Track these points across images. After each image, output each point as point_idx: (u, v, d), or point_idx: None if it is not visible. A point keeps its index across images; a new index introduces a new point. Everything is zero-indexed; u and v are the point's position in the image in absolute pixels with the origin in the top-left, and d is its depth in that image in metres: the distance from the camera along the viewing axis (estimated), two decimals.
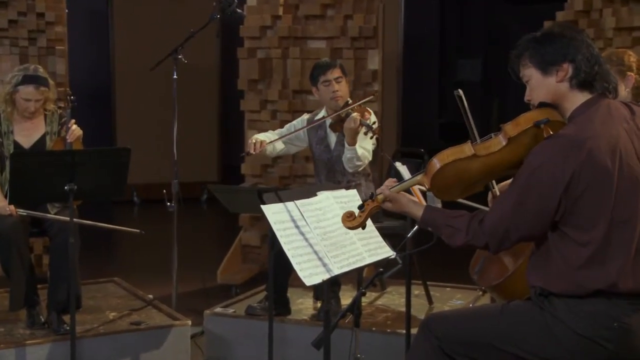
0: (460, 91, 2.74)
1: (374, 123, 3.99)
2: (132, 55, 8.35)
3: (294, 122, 4.54)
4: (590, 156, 2.30)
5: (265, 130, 4.59)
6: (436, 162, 2.48)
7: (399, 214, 2.63)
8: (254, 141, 4.19)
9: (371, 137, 3.98)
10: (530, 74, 2.48)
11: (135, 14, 8.49)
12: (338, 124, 4.21)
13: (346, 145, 4.12)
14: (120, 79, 8.50)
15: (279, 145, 4.36)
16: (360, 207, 2.57)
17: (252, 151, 4.17)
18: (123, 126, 8.52)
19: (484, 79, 12.67)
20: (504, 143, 2.46)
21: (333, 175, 4.36)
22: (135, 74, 8.28)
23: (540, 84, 2.47)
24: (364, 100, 4.23)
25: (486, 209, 2.74)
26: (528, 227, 2.36)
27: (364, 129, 3.95)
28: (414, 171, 3.81)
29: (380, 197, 2.57)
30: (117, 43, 8.48)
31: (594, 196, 2.31)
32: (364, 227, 2.60)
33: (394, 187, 2.58)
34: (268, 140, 4.26)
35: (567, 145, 2.32)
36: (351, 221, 2.56)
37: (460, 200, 2.85)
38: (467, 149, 2.48)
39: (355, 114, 4.04)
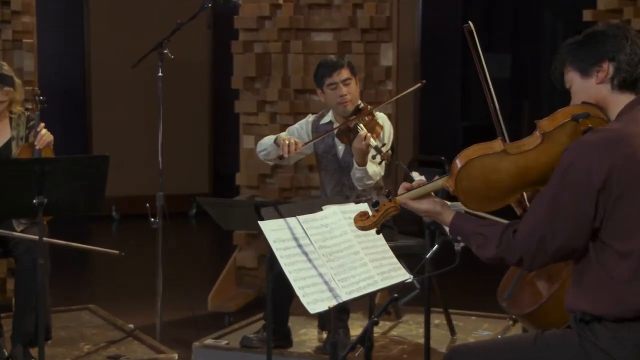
0: (471, 24, 2.74)
1: (383, 145, 3.98)
2: (110, 49, 8.38)
3: (297, 125, 4.54)
4: (630, 153, 2.31)
5: (264, 136, 4.59)
6: (460, 159, 2.49)
7: (416, 231, 2.63)
8: (287, 142, 4.16)
9: (379, 163, 3.99)
10: (572, 79, 2.53)
11: (114, 2, 8.52)
12: (345, 135, 4.22)
13: (355, 164, 4.13)
14: (96, 76, 8.53)
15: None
16: (374, 205, 2.58)
17: (286, 154, 4.15)
18: (100, 131, 8.54)
19: (514, 77, 12.68)
20: (538, 140, 2.46)
21: (341, 187, 4.36)
22: (114, 71, 8.30)
23: (580, 88, 2.50)
24: (413, 88, 4.22)
25: None
26: (565, 235, 2.36)
27: (372, 151, 3.96)
28: None
29: (399, 197, 2.57)
30: (93, 36, 8.51)
31: (635, 199, 2.31)
32: (378, 231, 2.62)
33: (412, 192, 2.58)
34: (301, 141, 4.24)
35: (605, 139, 2.33)
36: (364, 220, 2.57)
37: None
38: (496, 145, 2.50)
39: (363, 132, 4.04)
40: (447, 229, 2.58)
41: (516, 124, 11.60)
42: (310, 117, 4.54)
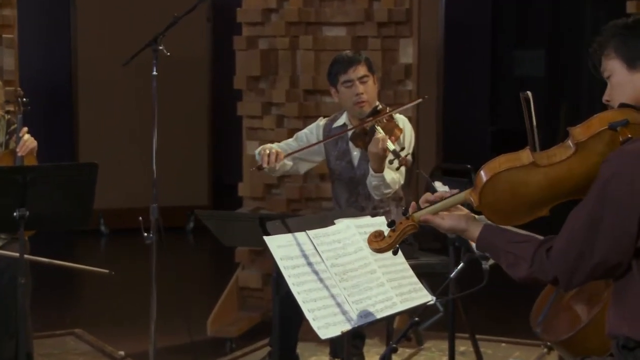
0: (529, 93, 2.73)
1: (402, 149, 3.98)
2: (99, 46, 8.41)
3: (306, 129, 4.55)
4: None
5: (270, 142, 4.60)
6: (485, 172, 2.48)
7: (439, 247, 2.63)
8: (267, 151, 4.19)
9: (397, 169, 3.99)
10: (613, 68, 2.49)
11: None
12: (361, 139, 4.22)
13: (371, 171, 4.13)
14: (84, 76, 8.56)
15: (288, 160, 4.37)
16: (390, 225, 2.58)
17: (265, 164, 4.16)
18: (88, 136, 8.57)
19: (549, 76, 12.66)
20: (572, 150, 2.46)
21: (356, 198, 4.36)
22: (103, 69, 8.33)
23: (624, 82, 2.47)
24: (413, 104, 4.23)
25: None
26: (605, 252, 2.35)
27: (390, 155, 3.97)
28: None
29: (417, 214, 2.57)
30: (80, 30, 8.54)
31: None
32: (395, 252, 2.61)
33: (431, 207, 2.58)
34: (284, 152, 4.26)
35: None
36: (378, 242, 2.57)
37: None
38: (524, 156, 2.49)
39: (380, 135, 4.05)
40: (474, 244, 2.57)
41: (551, 127, 11.57)
42: (322, 121, 4.54)
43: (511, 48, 12.94)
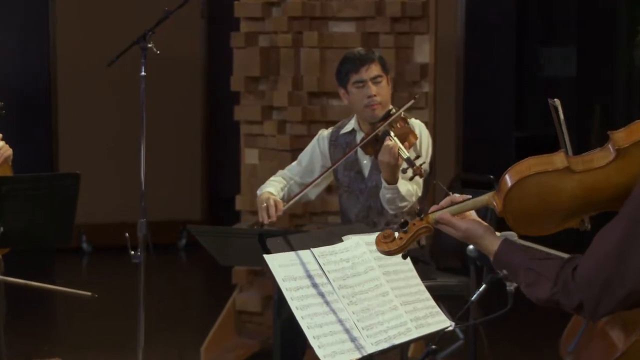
0: (557, 101, 2.73)
1: (417, 158, 3.97)
2: (81, 44, 8.42)
3: (308, 147, 4.55)
4: None
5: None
6: (512, 175, 2.48)
7: (458, 267, 2.62)
8: (264, 205, 4.19)
9: (410, 178, 3.99)
10: None
11: None
12: (371, 146, 4.22)
13: (383, 182, 4.13)
14: (64, 77, 8.56)
15: (294, 191, 4.39)
16: (402, 226, 2.57)
17: (266, 221, 4.18)
18: (68, 144, 8.57)
19: (581, 75, 12.66)
20: (611, 156, 2.44)
21: (367, 213, 4.37)
22: (85, 71, 8.34)
23: None
24: (405, 107, 4.23)
25: None
26: (639, 280, 2.34)
27: (403, 164, 3.97)
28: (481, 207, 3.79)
29: (433, 214, 2.57)
30: (60, 27, 8.55)
31: None
32: (405, 257, 2.62)
33: (451, 207, 2.58)
34: (281, 195, 4.29)
35: None
36: (387, 244, 2.57)
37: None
38: (558, 159, 2.48)
39: (391, 142, 4.04)
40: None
41: (584, 131, 11.56)
42: (325, 132, 4.53)
43: (538, 45, 12.95)
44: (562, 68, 12.75)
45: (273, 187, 4.36)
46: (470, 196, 2.64)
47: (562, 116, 2.78)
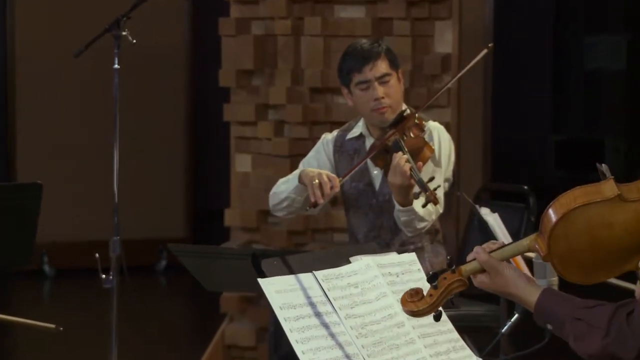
0: (605, 167, 2.70)
1: (431, 180, 3.94)
2: (44, 33, 8.42)
3: (312, 152, 4.54)
4: None
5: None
6: (556, 210, 2.48)
7: (488, 294, 2.63)
8: (317, 181, 4.12)
9: (423, 205, 3.99)
10: None
11: None
12: (381, 157, 4.22)
13: (396, 205, 4.14)
14: (24, 72, 8.55)
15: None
16: (432, 280, 2.57)
17: (321, 200, 4.12)
18: (28, 150, 8.57)
19: (632, 69, 12.63)
20: None
21: (378, 231, 4.37)
22: (49, 64, 8.34)
23: None
24: (452, 81, 4.22)
25: None
26: None
27: (415, 187, 3.97)
28: (512, 221, 3.80)
29: (468, 267, 2.57)
30: (18, 15, 8.54)
31: None
32: (437, 317, 2.60)
33: (492, 253, 2.58)
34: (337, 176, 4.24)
35: None
36: (416, 303, 2.56)
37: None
38: (607, 188, 2.47)
39: (402, 160, 4.04)
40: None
41: (636, 136, 11.57)
42: (329, 135, 4.53)
43: (581, 33, 12.92)
44: (610, 60, 12.72)
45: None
46: (503, 240, 2.64)
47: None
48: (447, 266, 2.56)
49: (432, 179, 3.97)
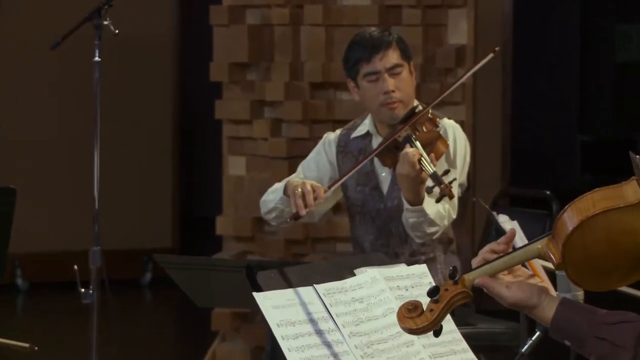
0: (639, 158, 2.70)
1: (446, 173, 3.94)
2: (18, 22, 8.43)
3: (312, 153, 4.52)
4: None
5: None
6: (572, 215, 2.48)
7: (506, 309, 2.63)
8: (300, 190, 4.12)
9: (437, 200, 3.98)
10: None
11: None
12: (390, 155, 4.22)
13: (405, 203, 4.14)
14: None
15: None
16: (432, 295, 2.56)
17: (302, 211, 4.11)
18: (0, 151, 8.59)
19: None
20: None
21: (386, 240, 4.38)
22: (22, 56, 8.34)
23: None
24: (460, 81, 4.21)
25: None
26: None
27: (428, 180, 3.96)
28: (533, 230, 3.80)
29: (470, 276, 2.57)
30: None
31: None
32: (437, 333, 2.60)
33: (493, 264, 2.58)
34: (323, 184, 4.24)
35: None
36: (413, 319, 2.55)
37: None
38: (629, 191, 2.46)
39: (411, 150, 4.05)
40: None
41: None
42: (332, 135, 4.53)
43: (612, 22, 12.92)
44: None
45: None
46: (514, 235, 2.62)
47: None
48: (449, 276, 2.55)
49: (447, 171, 3.97)
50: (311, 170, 4.45)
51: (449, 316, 2.68)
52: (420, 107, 4.27)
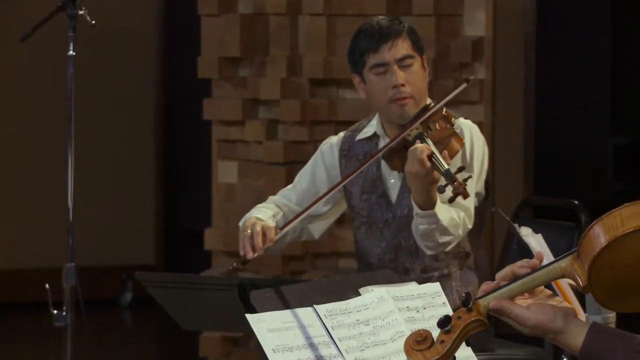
0: None
1: (460, 170, 3.95)
2: None
3: (311, 161, 4.52)
4: None
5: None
6: (600, 233, 2.49)
7: (530, 335, 2.64)
8: (249, 232, 4.16)
9: (450, 200, 3.97)
10: None
11: None
12: (399, 156, 4.21)
13: (414, 206, 4.14)
14: None
15: (291, 229, 4.35)
16: (442, 325, 2.56)
17: (250, 254, 4.15)
18: None
19: None
20: None
21: (395, 255, 4.38)
22: None
23: None
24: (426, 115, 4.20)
25: None
26: None
27: (441, 179, 3.96)
28: (559, 244, 3.80)
29: (485, 301, 2.57)
30: None
31: None
32: None
33: (511, 286, 2.58)
34: (276, 221, 4.25)
35: None
36: (422, 352, 2.54)
37: None
38: None
39: (421, 145, 4.06)
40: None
41: None
42: (334, 138, 4.52)
43: None
44: None
45: (262, 213, 4.35)
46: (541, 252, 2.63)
47: None
48: (461, 303, 2.53)
49: (461, 168, 3.97)
50: (306, 181, 4.45)
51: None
52: (433, 105, 4.26)
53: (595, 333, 2.52)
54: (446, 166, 3.94)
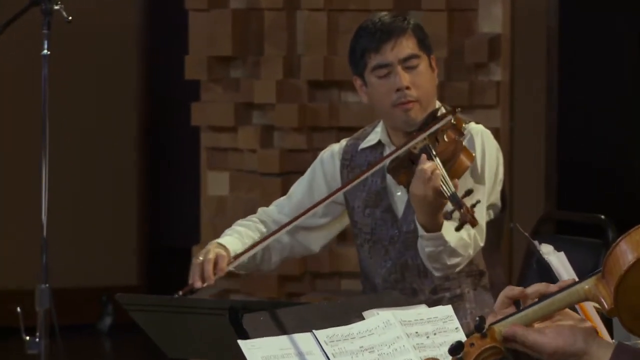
0: None
1: (467, 193, 3.94)
2: None
3: (309, 171, 4.52)
4: None
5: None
6: (625, 251, 2.50)
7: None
8: (199, 259, 4.18)
9: (457, 228, 3.96)
10: None
11: None
12: (405, 169, 4.21)
13: (420, 229, 4.16)
14: None
15: (279, 244, 4.38)
16: (454, 352, 2.57)
17: (198, 284, 4.17)
18: None
19: None
20: None
21: (401, 274, 4.39)
22: None
23: None
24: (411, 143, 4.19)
25: None
26: None
27: (448, 204, 3.95)
28: (584, 263, 3.82)
29: (501, 327, 2.57)
30: None
31: None
32: None
33: (528, 310, 2.59)
34: (236, 247, 4.24)
35: None
36: None
37: None
38: None
39: (428, 165, 4.06)
40: None
41: None
42: (335, 147, 4.52)
43: None
44: None
45: (233, 236, 4.34)
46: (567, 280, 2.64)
47: None
48: (475, 328, 2.54)
49: (469, 192, 3.95)
50: (301, 192, 4.44)
51: None
52: (443, 110, 4.26)
53: (622, 354, 2.54)
54: (452, 190, 3.93)
